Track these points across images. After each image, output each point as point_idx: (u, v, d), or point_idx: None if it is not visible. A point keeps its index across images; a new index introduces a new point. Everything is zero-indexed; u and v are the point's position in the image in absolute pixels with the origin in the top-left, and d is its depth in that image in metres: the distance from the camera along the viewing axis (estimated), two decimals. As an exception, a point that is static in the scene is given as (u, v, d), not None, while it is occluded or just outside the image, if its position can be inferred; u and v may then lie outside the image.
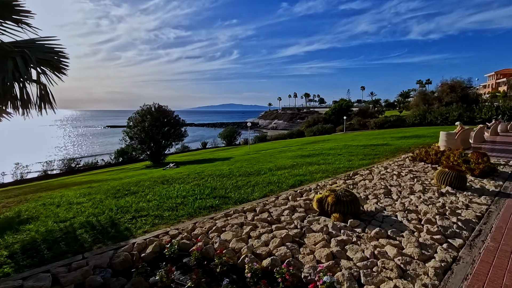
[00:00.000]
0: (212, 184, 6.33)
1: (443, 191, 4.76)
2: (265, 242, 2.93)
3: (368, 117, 55.62)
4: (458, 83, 40.14)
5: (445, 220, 3.52)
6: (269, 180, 6.37)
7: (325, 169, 7.46)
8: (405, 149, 11.25)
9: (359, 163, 8.16)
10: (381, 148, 11.93)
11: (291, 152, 14.45)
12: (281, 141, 33.38)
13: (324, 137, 30.84)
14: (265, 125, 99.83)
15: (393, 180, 5.53)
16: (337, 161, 9.09)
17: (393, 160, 7.95)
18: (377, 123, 43.69)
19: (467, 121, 33.56)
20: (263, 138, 45.91)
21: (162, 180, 7.75)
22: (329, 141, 21.48)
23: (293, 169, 8.05)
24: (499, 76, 63.61)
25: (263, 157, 13.66)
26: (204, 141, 46.43)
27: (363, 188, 5.00)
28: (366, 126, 46.18)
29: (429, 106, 40.85)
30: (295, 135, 47.69)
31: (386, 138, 18.09)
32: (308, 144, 20.09)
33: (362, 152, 10.84)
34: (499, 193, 4.79)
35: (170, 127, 20.79)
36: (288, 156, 12.23)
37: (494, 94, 54.10)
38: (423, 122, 38.37)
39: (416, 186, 5.04)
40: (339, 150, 12.48)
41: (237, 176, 7.50)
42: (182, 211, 4.28)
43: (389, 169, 6.50)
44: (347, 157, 9.95)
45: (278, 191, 5.26)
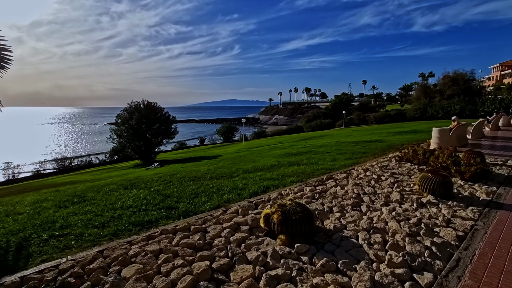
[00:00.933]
0: (170, 190, 5.66)
1: (424, 201, 4.02)
2: (172, 282, 2.24)
3: (368, 111, 54.47)
4: (460, 75, 38.81)
5: (416, 244, 2.80)
6: (235, 185, 5.68)
7: (303, 171, 6.74)
8: (397, 146, 10.47)
9: (342, 164, 7.43)
10: (373, 145, 11.17)
11: (280, 150, 13.73)
12: (277, 137, 32.63)
13: (322, 133, 30.02)
14: (266, 120, 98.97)
15: (370, 186, 4.79)
16: (321, 160, 8.37)
17: (378, 161, 7.19)
18: (377, 117, 42.62)
19: (469, 115, 32.43)
20: (261, 134, 45.21)
21: (127, 184, 7.10)
22: (324, 137, 20.73)
23: (270, 171, 7.34)
24: (504, 67, 61.78)
25: (251, 155, 12.99)
26: (202, 137, 45.89)
27: (331, 197, 4.27)
28: (366, 120, 45.13)
29: (431, 99, 39.62)
30: (294, 131, 46.86)
31: (382, 134, 17.32)
32: (302, 141, 19.33)
33: (352, 150, 10.10)
34: (490, 202, 4.04)
35: (160, 125, 20.15)
36: (275, 155, 11.52)
37: (498, 86, 52.52)
38: (424, 116, 37.23)
39: (393, 194, 4.30)
40: (329, 148, 11.76)
41: (207, 179, 6.84)
42: (110, 228, 3.61)
43: (369, 172, 5.76)
44: (334, 155, 9.23)
45: (236, 201, 4.57)
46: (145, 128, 19.21)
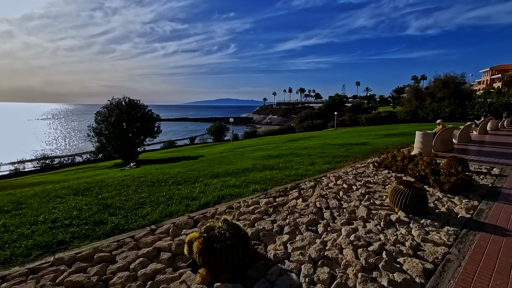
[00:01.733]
0: (117, 198, 4.96)
1: (394, 218, 3.41)
2: None
3: (360, 112, 54.28)
4: (451, 78, 38.71)
5: (370, 284, 2.17)
6: (190, 193, 5.01)
7: (272, 177, 6.10)
8: (381, 150, 9.93)
9: (317, 169, 6.81)
10: (357, 149, 10.62)
11: (264, 151, 13.11)
12: (267, 138, 32.03)
13: (312, 134, 29.53)
14: (260, 120, 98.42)
15: (336, 198, 4.16)
16: (298, 165, 7.77)
17: (355, 166, 6.59)
18: (368, 119, 42.34)
19: (459, 118, 32.27)
20: (252, 133, 44.56)
21: (81, 188, 6.38)
22: (312, 139, 20.18)
23: (239, 176, 6.69)
24: (494, 72, 62.21)
25: (232, 156, 12.35)
26: (192, 136, 45.05)
27: (287, 212, 3.63)
28: (358, 122, 44.83)
29: (422, 102, 39.47)
30: (286, 131, 46.33)
31: (370, 136, 16.84)
32: (289, 142, 18.74)
33: (334, 153, 9.53)
34: (470, 221, 3.45)
35: (143, 123, 19.34)
36: (255, 157, 10.88)
37: (488, 90, 52.79)
38: (414, 119, 37.03)
39: (360, 209, 3.69)
40: (313, 150, 11.19)
41: (168, 185, 6.16)
42: (5, 252, 2.91)
43: (341, 180, 5.14)
44: (314, 159, 8.64)
45: (179, 214, 3.90)
46: (126, 126, 18.40)
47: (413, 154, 5.97)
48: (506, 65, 60.05)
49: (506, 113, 25.89)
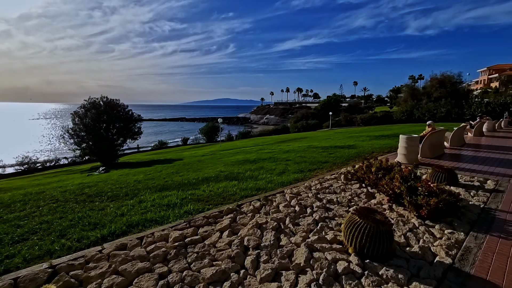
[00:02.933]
0: (13, 223, 3.91)
1: (341, 269, 2.37)
2: None
3: (357, 112, 53.21)
4: (447, 77, 37.61)
5: None
6: (102, 218, 3.93)
7: (223, 191, 5.04)
8: (366, 155, 8.90)
9: (284, 180, 5.75)
10: (340, 153, 9.59)
11: (243, 155, 12.10)
12: (259, 138, 30.98)
13: (304, 135, 28.50)
14: (257, 120, 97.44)
15: (277, 229, 3.10)
16: (267, 173, 6.76)
17: (324, 178, 5.52)
18: (363, 119, 41.29)
19: (455, 118, 31.21)
20: (246, 134, 43.56)
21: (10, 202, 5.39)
22: (301, 140, 19.15)
23: (190, 188, 5.65)
24: (492, 71, 61.10)
25: (209, 160, 11.38)
26: (184, 137, 44.05)
27: (196, 255, 2.57)
28: (353, 122, 43.78)
29: (418, 101, 38.41)
30: (280, 131, 45.34)
31: (360, 138, 15.82)
32: (276, 144, 17.71)
33: (313, 159, 8.51)
34: (450, 270, 2.40)
35: (124, 124, 18.29)
36: (230, 162, 9.84)
37: (485, 90, 51.70)
38: (410, 119, 35.96)
39: (300, 251, 2.64)
40: (294, 154, 10.20)
41: (104, 200, 5.16)
42: None
43: (297, 199, 4.08)
44: (289, 166, 7.63)
45: (57, 253, 2.85)
46: (105, 127, 17.35)
47: (392, 164, 4.93)
48: (504, 65, 58.95)
49: (506, 113, 24.87)
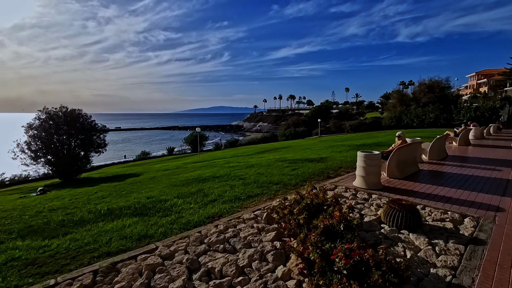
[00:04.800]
0: None
1: None
2: None
3: (348, 119, 52.16)
4: (436, 82, 36.71)
5: None
6: None
7: (86, 244, 3.56)
8: (331, 171, 7.47)
9: (203, 215, 4.28)
10: (305, 168, 8.17)
11: (202, 170, 10.64)
12: (240, 148, 29.51)
13: (287, 143, 27.12)
14: (250, 127, 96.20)
15: None
16: (195, 201, 5.30)
17: (240, 218, 4.04)
18: (352, 126, 40.13)
19: (444, 124, 30.10)
20: (234, 143, 42.15)
21: None
22: (280, 150, 17.73)
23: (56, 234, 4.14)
24: (480, 76, 60.74)
25: (166, 176, 10.15)
26: (170, 147, 42.44)
27: None
28: (343, 129, 42.64)
29: (407, 107, 37.39)
30: (269, 139, 43.93)
31: (340, 147, 14.46)
32: (251, 155, 16.26)
33: (267, 178, 7.09)
34: None
35: (87, 136, 16.74)
36: (179, 181, 8.33)
37: (474, 95, 51.07)
38: (399, 125, 34.81)
39: None
40: (255, 169, 8.81)
41: None
42: None
43: (162, 268, 2.62)
44: (235, 188, 6.18)
45: None
46: (64, 139, 15.79)
47: (334, 196, 3.48)
48: (492, 70, 58.55)
49: (502, 117, 23.68)
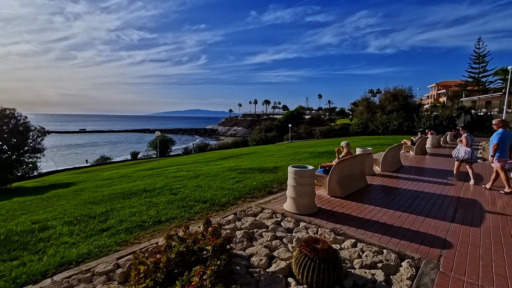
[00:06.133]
0: None
1: None
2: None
3: (318, 125, 52.61)
4: (400, 91, 37.97)
5: None
6: None
7: None
8: (275, 184, 6.47)
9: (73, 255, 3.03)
10: (250, 180, 7.12)
11: (143, 181, 9.25)
12: (206, 154, 28.08)
13: (253, 149, 26.16)
14: (224, 132, 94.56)
15: None
16: (73, 235, 3.95)
17: (101, 268, 2.87)
18: (322, 131, 40.28)
19: (407, 131, 30.93)
20: (203, 147, 40.49)
21: None
22: (242, 157, 16.66)
23: None
24: (440, 87, 64.57)
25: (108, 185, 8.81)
26: (134, 151, 39.75)
27: None
28: (313, 134, 42.72)
29: (373, 114, 38.28)
30: (241, 144, 42.80)
31: (301, 155, 13.74)
32: (210, 162, 15.00)
33: (203, 193, 5.95)
34: None
35: (18, 140, 14.50)
36: (100, 196, 6.89)
37: (434, 104, 53.99)
38: (365, 131, 35.38)
39: None
40: (197, 181, 7.63)
41: None
42: None
43: None
44: (150, 212, 4.91)
45: None
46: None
47: (225, 237, 2.42)
48: (450, 81, 62.53)
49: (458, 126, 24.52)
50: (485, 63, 48.67)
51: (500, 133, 5.40)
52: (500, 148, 5.39)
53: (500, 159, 5.43)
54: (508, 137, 5.41)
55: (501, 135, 5.38)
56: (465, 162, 6.42)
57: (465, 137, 6.41)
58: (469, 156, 6.31)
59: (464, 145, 6.44)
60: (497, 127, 5.51)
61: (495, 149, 5.41)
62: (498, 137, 5.39)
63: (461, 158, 6.46)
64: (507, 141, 5.40)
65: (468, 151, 6.33)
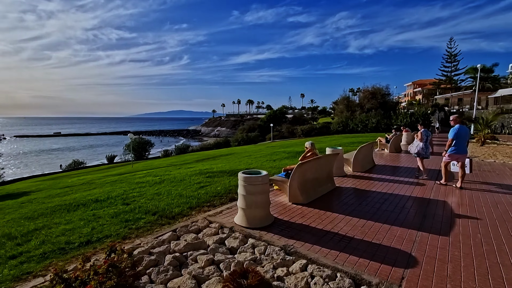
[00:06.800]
0: None
1: None
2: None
3: (300, 124, 52.69)
4: (378, 89, 38.61)
5: None
6: None
7: None
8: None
9: None
10: (216, 184, 6.52)
11: (107, 187, 8.42)
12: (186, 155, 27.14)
13: (233, 150, 25.55)
14: (208, 132, 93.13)
15: None
16: None
17: None
18: (303, 130, 40.22)
19: (385, 129, 31.39)
20: (184, 149, 39.27)
21: None
22: (219, 158, 16.01)
23: None
24: (416, 86, 66.68)
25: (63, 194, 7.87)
26: (111, 154, 37.93)
27: None
28: (295, 133, 42.63)
29: (352, 113, 38.70)
30: (223, 145, 41.96)
31: (278, 155, 13.32)
32: (179, 166, 14.21)
33: (157, 202, 5.28)
34: None
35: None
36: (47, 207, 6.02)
37: (411, 102, 55.61)
38: (345, 130, 35.63)
39: None
40: (162, 186, 6.96)
41: None
42: None
43: None
44: (83, 229, 4.17)
45: None
46: None
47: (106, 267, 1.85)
48: (425, 80, 64.72)
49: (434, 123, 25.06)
50: (456, 62, 50.70)
51: (456, 129, 5.48)
52: (457, 143, 5.48)
53: (453, 155, 5.55)
54: (464, 133, 5.49)
55: (457, 130, 5.46)
56: (418, 156, 6.53)
57: (420, 133, 6.51)
58: (419, 150, 6.41)
59: (419, 140, 6.52)
60: (454, 123, 5.58)
61: (449, 144, 5.53)
62: (453, 133, 5.47)
63: (414, 152, 6.58)
64: (463, 136, 5.48)
65: (420, 145, 6.43)
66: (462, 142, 5.49)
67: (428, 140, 6.59)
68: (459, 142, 5.47)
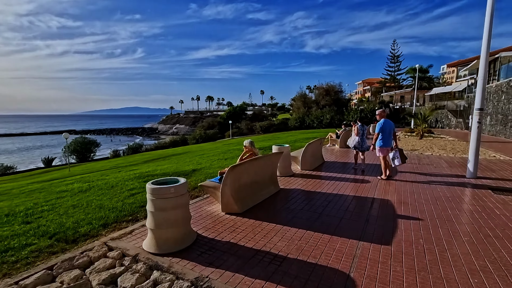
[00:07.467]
0: None
1: None
2: None
3: (260, 120, 52.80)
4: (331, 87, 40.27)
5: None
6: None
7: None
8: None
9: None
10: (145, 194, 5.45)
11: (13, 200, 6.67)
12: (135, 156, 24.97)
13: (188, 148, 24.19)
14: (165, 130, 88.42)
15: None
16: None
17: None
18: (262, 127, 40.19)
19: (338, 124, 32.83)
20: (136, 149, 36.28)
21: None
22: (169, 158, 14.74)
23: None
24: (365, 84, 71.59)
25: None
26: (48, 157, 33.38)
27: None
28: (254, 130, 42.43)
29: (309, 109, 39.82)
30: (180, 143, 39.85)
31: (235, 151, 12.72)
32: (121, 168, 12.64)
33: (66, 218, 4.06)
34: None
35: None
36: None
37: (361, 99, 59.51)
38: (302, 126, 36.48)
39: None
40: (86, 196, 5.65)
41: None
42: None
43: None
44: None
45: None
46: None
47: None
48: (373, 79, 69.85)
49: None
50: (399, 62, 55.46)
51: (381, 124, 5.66)
52: (382, 137, 5.66)
53: (382, 148, 5.70)
54: (388, 127, 5.67)
55: (382, 125, 5.64)
56: (355, 149, 6.84)
57: (356, 128, 6.79)
58: (355, 144, 6.76)
59: (355, 134, 6.82)
60: (380, 117, 5.76)
61: (375, 138, 5.72)
62: (379, 127, 5.67)
63: (352, 146, 6.94)
64: (388, 130, 5.65)
65: (356, 139, 6.74)
66: (387, 136, 5.67)
67: (364, 134, 6.84)
68: (384, 136, 5.65)
